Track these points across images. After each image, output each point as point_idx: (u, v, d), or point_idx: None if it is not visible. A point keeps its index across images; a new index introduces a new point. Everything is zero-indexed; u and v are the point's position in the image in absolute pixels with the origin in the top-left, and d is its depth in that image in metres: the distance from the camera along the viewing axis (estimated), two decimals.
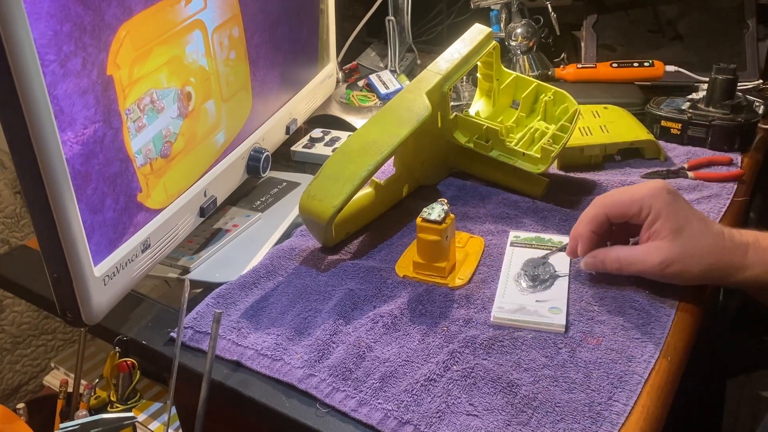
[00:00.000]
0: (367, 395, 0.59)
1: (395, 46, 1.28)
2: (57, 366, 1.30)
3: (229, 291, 0.73)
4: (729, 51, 1.18)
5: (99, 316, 0.63)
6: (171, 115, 0.70)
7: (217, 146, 0.80)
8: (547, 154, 0.83)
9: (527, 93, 0.93)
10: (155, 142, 0.68)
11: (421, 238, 0.71)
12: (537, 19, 1.24)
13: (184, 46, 0.71)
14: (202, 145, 0.77)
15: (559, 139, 0.84)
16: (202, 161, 0.78)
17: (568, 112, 0.88)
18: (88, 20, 0.57)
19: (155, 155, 0.69)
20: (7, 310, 1.25)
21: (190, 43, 0.72)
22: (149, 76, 0.66)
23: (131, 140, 0.65)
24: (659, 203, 0.65)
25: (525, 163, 0.86)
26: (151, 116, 0.67)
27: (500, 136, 0.87)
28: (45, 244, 0.58)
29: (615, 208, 0.68)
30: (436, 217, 0.70)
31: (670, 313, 0.66)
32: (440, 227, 0.70)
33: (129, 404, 1.05)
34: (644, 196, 0.66)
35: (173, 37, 0.69)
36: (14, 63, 0.50)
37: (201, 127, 0.76)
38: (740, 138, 0.96)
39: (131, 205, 0.66)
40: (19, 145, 0.53)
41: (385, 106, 0.83)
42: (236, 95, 0.83)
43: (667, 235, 0.64)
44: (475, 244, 0.78)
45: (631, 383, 0.59)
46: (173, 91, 0.70)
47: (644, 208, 0.65)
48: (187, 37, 0.71)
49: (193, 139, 0.75)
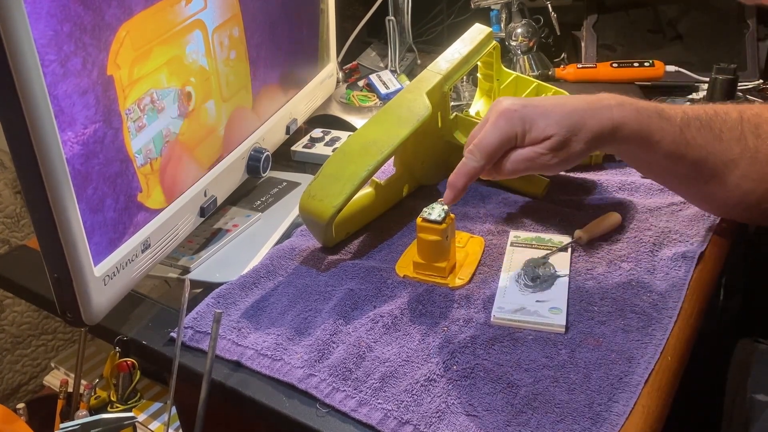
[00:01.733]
0: (367, 395, 0.59)
1: (395, 46, 1.27)
2: (57, 366, 1.30)
3: (229, 291, 0.73)
4: (729, 51, 1.18)
5: (99, 316, 0.63)
6: (171, 115, 0.70)
7: (216, 146, 0.80)
8: None
9: (527, 93, 0.93)
10: (155, 142, 0.68)
11: (422, 238, 0.71)
12: (537, 19, 1.24)
13: (184, 46, 0.71)
14: (202, 145, 0.77)
15: None
16: (202, 161, 0.78)
17: None
18: (88, 20, 0.57)
19: (155, 155, 0.69)
20: (7, 310, 1.25)
21: (191, 43, 0.72)
22: (149, 76, 0.66)
23: (131, 140, 0.65)
24: (495, 112, 0.64)
25: None
26: (152, 116, 0.67)
27: None
28: (45, 244, 0.58)
29: (494, 155, 0.64)
30: (436, 217, 0.70)
31: (672, 314, 0.66)
32: (440, 227, 0.70)
33: (129, 404, 1.05)
34: (506, 130, 0.63)
35: (173, 37, 0.69)
36: (14, 63, 0.50)
37: (201, 127, 0.76)
38: None
39: (131, 205, 0.66)
40: (19, 145, 0.53)
41: (386, 106, 0.83)
42: (236, 95, 0.83)
43: (546, 128, 0.63)
44: (475, 244, 0.78)
45: (631, 384, 0.59)
46: (173, 91, 0.70)
47: (511, 139, 0.64)
48: (187, 37, 0.71)
49: (193, 139, 0.75)
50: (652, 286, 0.70)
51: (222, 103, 0.80)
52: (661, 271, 0.72)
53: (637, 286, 0.70)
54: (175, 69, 0.70)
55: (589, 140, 0.64)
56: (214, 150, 0.80)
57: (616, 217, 0.80)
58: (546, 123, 0.63)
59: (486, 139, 0.64)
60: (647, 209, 0.82)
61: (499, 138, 0.64)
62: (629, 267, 0.73)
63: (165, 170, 0.71)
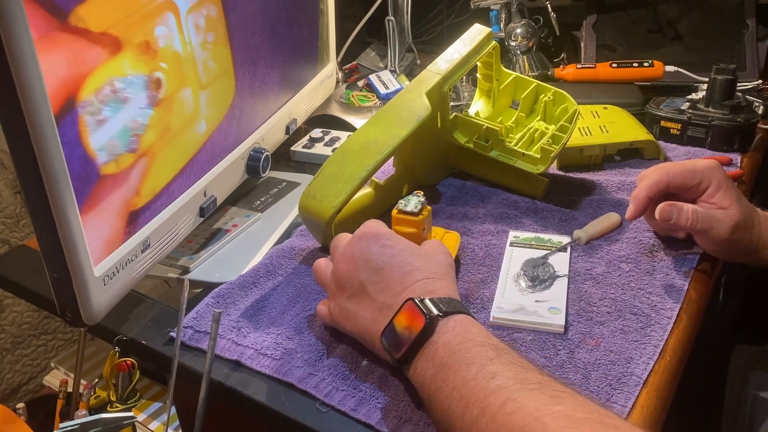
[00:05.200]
0: (367, 395, 0.59)
1: (395, 46, 1.28)
2: (57, 366, 1.30)
3: (228, 291, 0.73)
4: (729, 51, 1.18)
5: (99, 316, 0.63)
6: (139, 105, 0.64)
7: (197, 136, 0.76)
8: (546, 155, 0.83)
9: (527, 93, 0.93)
10: (120, 136, 0.62)
11: (398, 231, 0.69)
12: (537, 19, 1.24)
13: (152, 28, 0.65)
14: (180, 136, 0.72)
15: (559, 139, 0.84)
16: (183, 153, 0.74)
17: (568, 112, 0.88)
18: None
19: (122, 150, 0.63)
20: (7, 310, 1.25)
21: (160, 26, 0.66)
22: (109, 63, 0.60)
23: (90, 135, 0.59)
24: (718, 177, 0.71)
25: (525, 163, 0.86)
26: (114, 107, 0.61)
27: (500, 136, 0.87)
28: (44, 244, 0.58)
29: (678, 177, 0.72)
30: (412, 208, 0.69)
31: (671, 315, 0.66)
32: (417, 219, 0.69)
33: (129, 404, 1.05)
34: (704, 170, 0.71)
35: (140, 20, 0.63)
36: (13, 61, 0.50)
37: (176, 117, 0.71)
38: (740, 138, 0.96)
39: (127, 204, 0.65)
40: (19, 144, 0.53)
41: (385, 106, 0.83)
42: (217, 81, 0.78)
43: (732, 204, 0.70)
44: (450, 239, 0.77)
45: (630, 384, 0.59)
46: (140, 78, 0.64)
47: (704, 180, 0.71)
48: (156, 19, 0.66)
49: (167, 131, 0.70)
50: (651, 287, 0.70)
51: (200, 90, 0.75)
52: (660, 272, 0.72)
53: (637, 287, 0.70)
54: (140, 55, 0.64)
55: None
56: (194, 140, 0.75)
57: (616, 217, 0.80)
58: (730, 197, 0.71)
59: (673, 163, 0.74)
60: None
61: (684, 167, 0.72)
62: (629, 268, 0.73)
63: (142, 164, 0.66)
